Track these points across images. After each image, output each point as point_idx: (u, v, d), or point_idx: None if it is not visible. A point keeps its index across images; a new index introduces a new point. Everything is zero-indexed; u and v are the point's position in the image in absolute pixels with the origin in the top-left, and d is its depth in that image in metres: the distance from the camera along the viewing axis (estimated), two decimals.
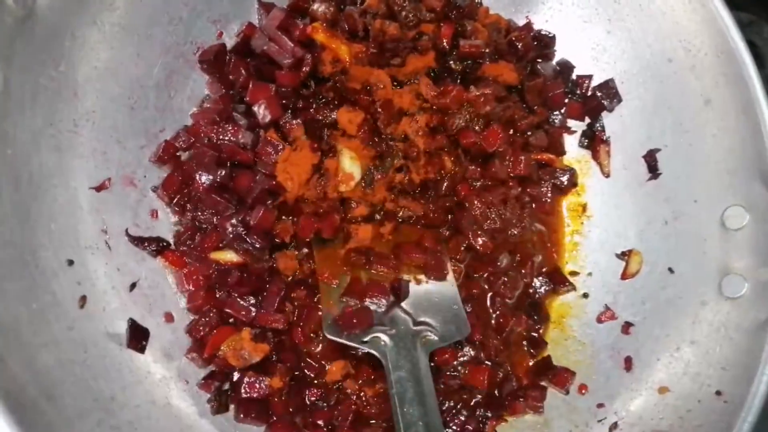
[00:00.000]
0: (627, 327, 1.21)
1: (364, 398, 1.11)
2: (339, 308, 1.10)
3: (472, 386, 1.16)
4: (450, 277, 1.19)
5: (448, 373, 1.16)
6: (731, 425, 0.98)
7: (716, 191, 1.15)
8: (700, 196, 1.18)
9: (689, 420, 1.05)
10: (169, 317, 1.10)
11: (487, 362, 1.19)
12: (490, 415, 1.17)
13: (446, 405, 1.16)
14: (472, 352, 1.18)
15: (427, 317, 1.13)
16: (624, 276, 1.26)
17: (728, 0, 1.61)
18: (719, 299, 1.11)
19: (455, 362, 1.17)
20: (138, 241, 1.10)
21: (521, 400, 1.17)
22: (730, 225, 1.12)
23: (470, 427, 1.15)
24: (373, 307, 1.11)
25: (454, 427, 1.13)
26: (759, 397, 0.99)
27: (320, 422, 1.09)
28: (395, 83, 1.25)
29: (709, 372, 1.08)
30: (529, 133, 1.30)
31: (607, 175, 1.31)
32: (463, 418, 1.15)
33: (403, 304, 1.14)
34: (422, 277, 1.18)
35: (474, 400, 1.18)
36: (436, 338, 1.09)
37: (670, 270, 1.20)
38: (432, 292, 1.17)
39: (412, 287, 1.16)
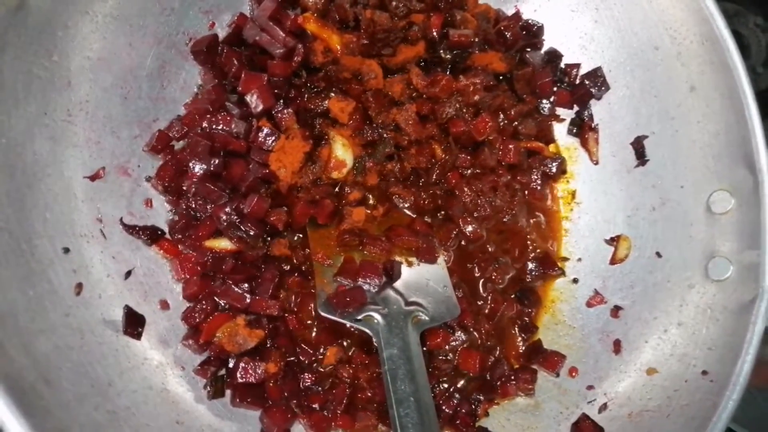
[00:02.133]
0: (616, 311, 1.23)
1: (357, 382, 1.13)
2: (332, 287, 1.13)
3: (464, 370, 1.18)
4: (440, 260, 1.22)
5: (440, 357, 1.18)
6: (717, 404, 1.00)
7: (702, 176, 1.17)
8: (687, 182, 1.20)
9: (676, 399, 1.07)
10: (164, 305, 1.12)
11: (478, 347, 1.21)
12: (482, 398, 1.18)
13: (438, 388, 1.18)
14: (464, 337, 1.20)
15: (418, 298, 1.15)
16: (613, 261, 1.28)
17: None
18: (705, 282, 1.14)
19: (447, 347, 1.19)
20: (132, 230, 1.11)
21: (512, 383, 1.19)
22: (715, 209, 1.14)
23: (463, 410, 1.17)
24: (365, 287, 1.13)
25: (447, 410, 1.15)
26: (743, 375, 1.01)
27: (315, 406, 1.11)
28: (386, 73, 1.27)
29: (695, 353, 1.10)
30: (517, 122, 1.32)
31: (596, 163, 1.33)
32: (455, 402, 1.17)
33: (395, 285, 1.16)
34: (413, 259, 1.20)
35: (464, 383, 1.20)
36: (426, 318, 1.12)
37: (658, 254, 1.22)
38: (423, 274, 1.19)
39: (404, 269, 1.18)
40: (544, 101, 1.34)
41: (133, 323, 1.04)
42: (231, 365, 1.10)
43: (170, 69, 1.19)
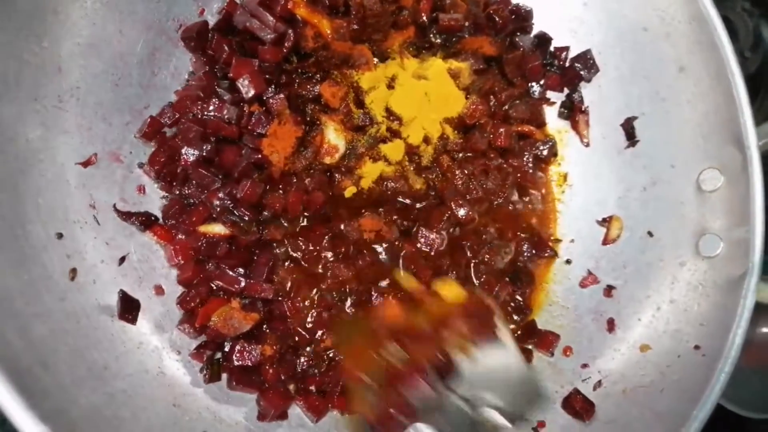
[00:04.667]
0: (609, 290, 1.25)
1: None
2: (375, 410, 0.93)
3: None
4: (503, 332, 0.99)
5: None
6: (709, 376, 1.01)
7: (692, 155, 1.18)
8: (677, 161, 1.21)
9: (669, 375, 1.09)
10: (159, 290, 1.12)
11: None
12: None
13: None
14: None
15: (486, 394, 0.94)
16: (605, 242, 1.29)
17: None
18: (697, 259, 1.15)
19: None
20: (126, 216, 1.11)
21: None
22: (705, 187, 1.16)
23: None
24: (415, 402, 0.92)
25: None
26: (735, 348, 1.02)
27: (312, 388, 1.11)
28: (376, 58, 1.27)
29: (687, 329, 1.11)
30: (508, 105, 1.32)
31: (587, 145, 1.34)
32: None
33: (453, 387, 0.95)
34: (470, 345, 0.97)
35: None
36: (505, 421, 0.92)
37: (650, 234, 1.23)
38: (487, 362, 0.96)
39: (461, 362, 0.96)
40: (535, 85, 1.35)
41: (128, 308, 1.04)
42: (227, 349, 1.10)
43: (161, 56, 1.19)
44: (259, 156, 1.15)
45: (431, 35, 1.30)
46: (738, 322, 1.03)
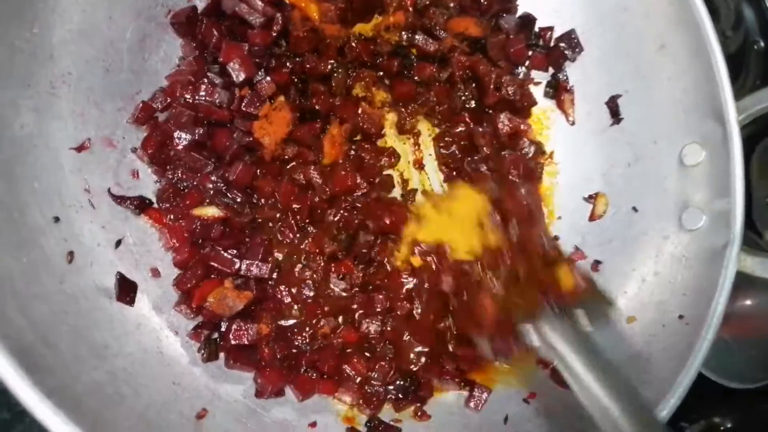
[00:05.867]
0: (596, 265, 1.28)
1: (347, 350, 1.17)
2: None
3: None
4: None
5: None
6: (692, 344, 1.05)
7: (674, 131, 1.21)
8: (660, 137, 1.24)
9: (654, 344, 1.12)
10: (155, 272, 1.13)
11: None
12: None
13: None
14: None
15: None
16: (591, 218, 1.32)
17: None
18: (680, 232, 1.18)
19: None
20: (120, 200, 1.12)
21: None
22: (687, 162, 1.19)
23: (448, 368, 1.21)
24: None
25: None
26: (717, 316, 1.06)
27: (303, 364, 1.14)
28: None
29: (671, 299, 1.14)
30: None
31: (573, 123, 1.37)
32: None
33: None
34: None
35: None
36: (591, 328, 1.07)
37: (634, 209, 1.26)
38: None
39: None
40: (520, 67, 1.37)
41: (126, 290, 1.06)
42: (223, 329, 1.12)
43: (151, 41, 1.19)
44: (251, 139, 1.17)
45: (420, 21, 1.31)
46: (720, 291, 1.06)
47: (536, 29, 1.37)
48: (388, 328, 1.19)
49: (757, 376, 1.46)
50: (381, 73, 1.32)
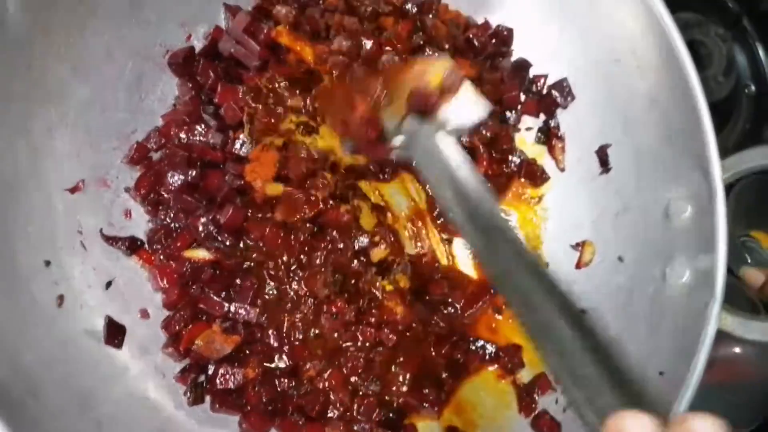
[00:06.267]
0: (581, 314, 1.29)
1: (333, 393, 1.17)
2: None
3: None
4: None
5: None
6: (671, 402, 1.06)
7: (661, 184, 1.23)
8: (647, 189, 1.25)
9: None
10: (144, 314, 1.14)
11: None
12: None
13: None
14: None
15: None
16: (578, 266, 1.33)
17: (679, 1, 1.70)
18: (664, 285, 1.19)
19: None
20: (112, 241, 1.13)
21: None
22: (673, 216, 1.20)
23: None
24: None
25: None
26: (696, 375, 1.07)
27: (290, 408, 1.15)
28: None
29: (653, 354, 1.16)
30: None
31: (562, 170, 1.39)
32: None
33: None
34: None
35: None
36: (457, 125, 1.04)
37: (620, 259, 1.28)
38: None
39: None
40: (510, 112, 1.39)
41: (114, 333, 1.07)
42: (210, 372, 1.14)
43: (148, 81, 1.21)
44: (242, 182, 1.18)
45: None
46: (701, 350, 1.08)
47: (530, 75, 1.38)
48: (377, 360, 1.21)
49: (739, 422, 1.48)
50: None
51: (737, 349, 1.51)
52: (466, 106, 1.07)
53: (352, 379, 1.17)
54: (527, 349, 1.29)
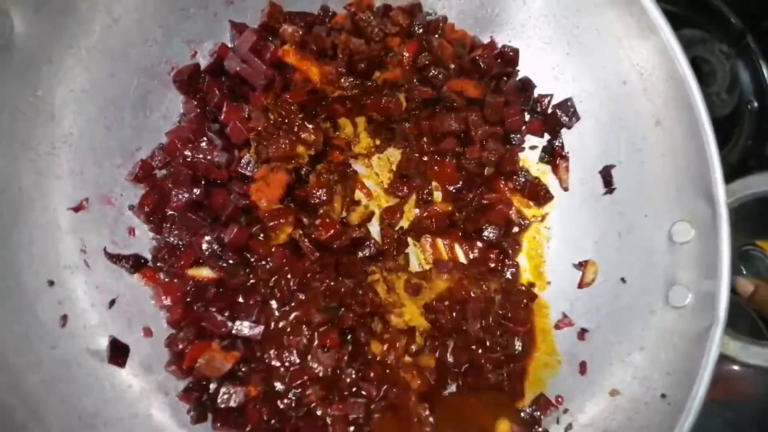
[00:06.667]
0: (582, 333, 1.29)
1: (328, 417, 1.17)
2: None
3: None
4: None
5: None
6: (673, 426, 1.07)
7: (665, 207, 1.23)
8: (650, 211, 1.26)
9: (637, 421, 1.14)
10: (147, 332, 1.15)
11: None
12: None
13: None
14: None
15: None
16: (580, 285, 1.33)
17: (683, 18, 1.70)
18: (666, 308, 1.20)
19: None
20: (116, 259, 1.14)
21: None
22: (677, 239, 1.20)
23: None
24: None
25: None
26: (698, 399, 1.07)
27: (287, 430, 1.15)
28: None
29: (655, 376, 1.16)
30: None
31: (566, 189, 1.38)
32: None
33: None
34: None
35: None
36: None
37: (623, 280, 1.28)
38: None
39: None
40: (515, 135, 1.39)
41: (118, 353, 1.08)
42: (212, 391, 1.14)
43: (153, 98, 1.21)
44: (247, 201, 1.18)
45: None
46: (702, 374, 1.08)
47: (535, 95, 1.38)
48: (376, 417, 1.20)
49: None
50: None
51: (737, 367, 1.51)
52: None
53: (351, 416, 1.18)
54: None
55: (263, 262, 1.19)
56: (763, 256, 1.64)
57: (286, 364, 1.16)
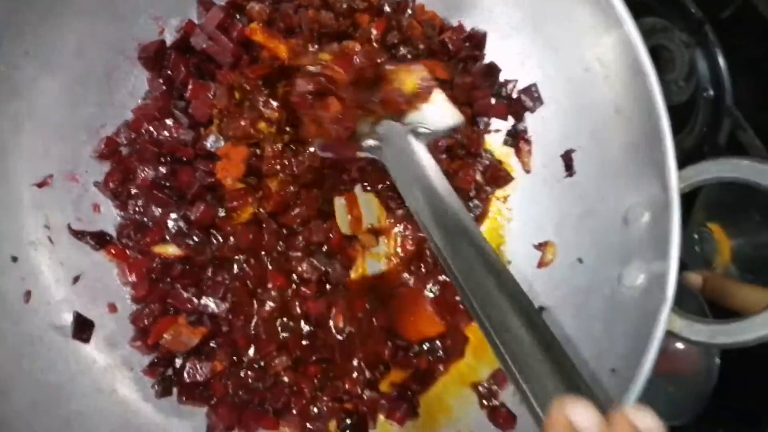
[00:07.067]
0: (541, 311, 1.34)
1: (297, 389, 1.20)
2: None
3: None
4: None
5: None
6: (622, 396, 1.12)
7: (621, 191, 1.27)
8: (608, 194, 1.30)
9: None
10: (112, 308, 1.15)
11: None
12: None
13: None
14: None
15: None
16: (540, 265, 1.38)
17: (646, 6, 1.74)
18: (620, 287, 1.24)
19: None
20: (80, 235, 1.13)
21: None
22: (631, 221, 1.25)
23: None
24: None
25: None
26: (645, 372, 1.12)
27: (255, 400, 1.17)
28: None
29: (607, 352, 1.21)
30: None
31: (528, 172, 1.42)
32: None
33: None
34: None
35: None
36: (428, 130, 1.09)
37: (580, 260, 1.33)
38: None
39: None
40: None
41: (82, 328, 1.08)
42: (178, 366, 1.15)
43: (119, 75, 1.20)
44: (213, 179, 1.19)
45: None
46: (650, 350, 1.13)
47: (501, 80, 1.41)
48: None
49: (675, 414, 1.55)
50: None
51: (681, 345, 1.58)
52: (438, 114, 1.10)
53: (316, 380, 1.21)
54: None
55: (230, 240, 1.20)
56: (710, 238, 1.71)
57: (253, 335, 1.18)
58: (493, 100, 1.41)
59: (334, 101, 1.13)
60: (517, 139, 1.42)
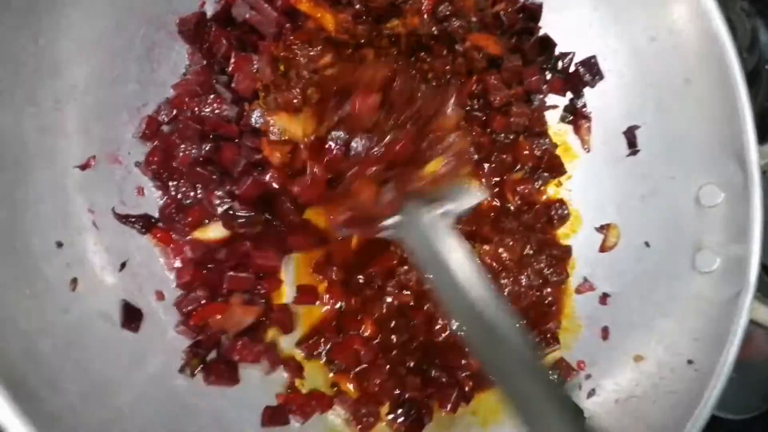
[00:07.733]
0: (604, 298, 1.27)
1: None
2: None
3: None
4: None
5: None
6: (701, 393, 1.05)
7: (692, 169, 1.19)
8: (677, 174, 1.22)
9: (662, 387, 1.12)
10: (159, 295, 1.10)
11: None
12: None
13: None
14: None
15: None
16: (602, 249, 1.30)
17: None
18: (692, 273, 1.17)
19: None
20: (125, 219, 1.08)
21: None
22: (704, 202, 1.17)
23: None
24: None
25: None
26: (727, 366, 1.05)
27: None
28: None
29: (681, 342, 1.14)
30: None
31: (588, 151, 1.34)
32: None
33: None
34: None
35: None
36: (453, 208, 1.02)
37: (646, 244, 1.25)
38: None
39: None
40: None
41: (131, 317, 1.03)
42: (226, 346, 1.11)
43: (160, 50, 1.14)
44: (259, 156, 1.12)
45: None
46: (732, 340, 1.06)
47: (557, 53, 1.33)
48: None
49: (746, 402, 1.47)
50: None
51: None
52: (462, 193, 1.05)
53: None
54: None
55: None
56: None
57: None
58: (548, 75, 1.34)
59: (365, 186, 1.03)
60: (575, 115, 1.34)
